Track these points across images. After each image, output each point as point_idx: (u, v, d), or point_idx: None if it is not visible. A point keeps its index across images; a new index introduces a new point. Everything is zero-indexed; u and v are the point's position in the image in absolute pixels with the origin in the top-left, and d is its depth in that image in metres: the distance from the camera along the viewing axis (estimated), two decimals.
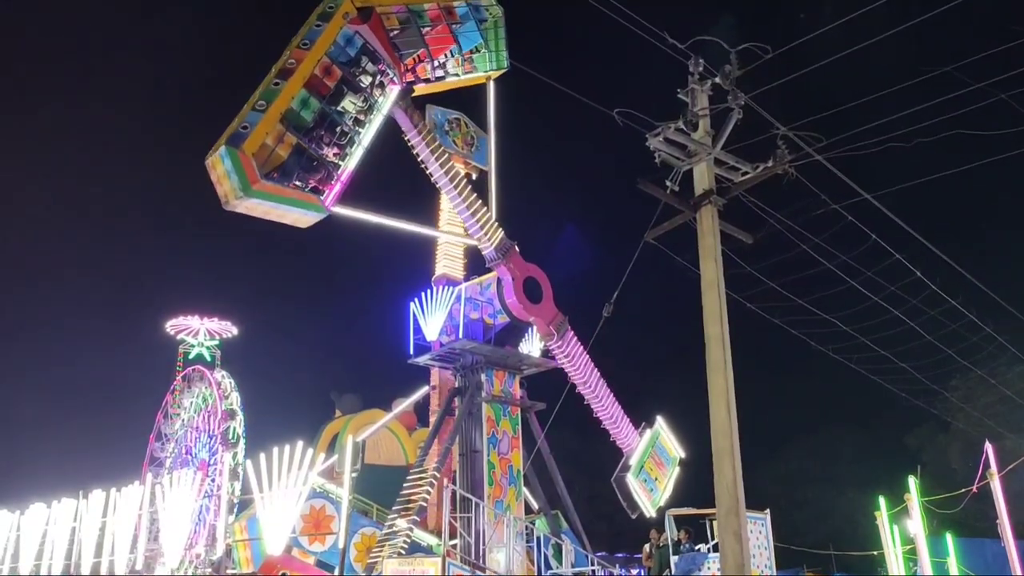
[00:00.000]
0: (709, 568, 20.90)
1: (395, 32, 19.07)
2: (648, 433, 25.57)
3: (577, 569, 23.65)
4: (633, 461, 24.84)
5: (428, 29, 19.99)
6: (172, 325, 44.67)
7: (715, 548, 20.99)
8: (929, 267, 17.31)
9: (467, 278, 26.37)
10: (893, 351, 22.20)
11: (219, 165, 16.38)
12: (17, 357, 68.44)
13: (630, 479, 24.53)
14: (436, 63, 20.87)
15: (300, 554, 21.64)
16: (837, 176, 13.69)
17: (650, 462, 25.23)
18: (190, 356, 43.94)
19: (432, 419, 26.05)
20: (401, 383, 29.90)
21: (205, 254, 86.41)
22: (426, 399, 27.38)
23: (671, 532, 22.42)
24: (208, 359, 43.81)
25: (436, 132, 26.72)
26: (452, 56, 21.28)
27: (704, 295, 11.62)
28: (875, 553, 24.71)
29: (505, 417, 24.73)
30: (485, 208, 22.85)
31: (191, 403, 40.56)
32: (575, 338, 24.26)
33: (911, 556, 22.92)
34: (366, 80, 18.59)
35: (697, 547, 22.56)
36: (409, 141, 20.71)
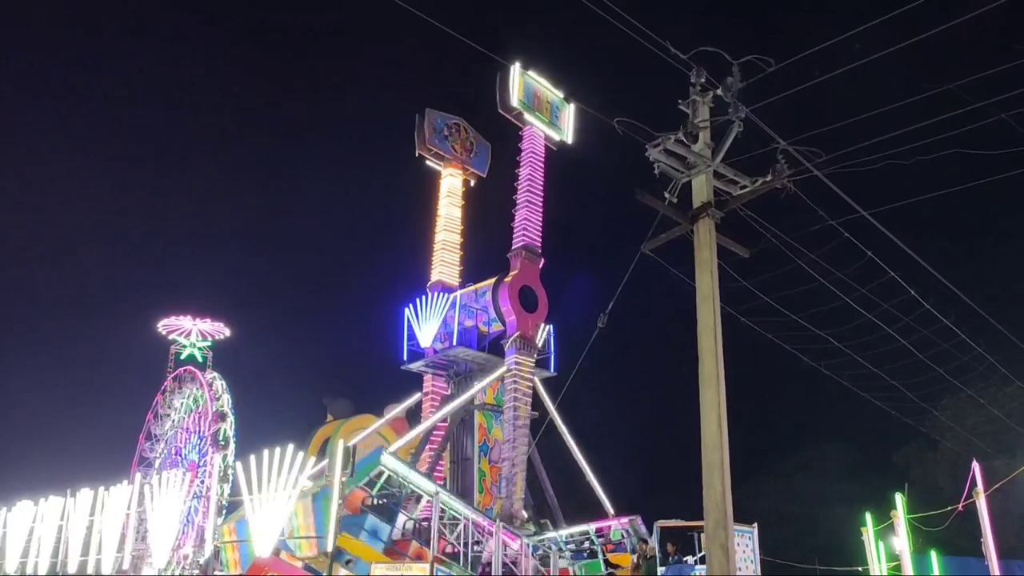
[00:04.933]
0: None
1: None
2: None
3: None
4: None
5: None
6: (164, 325, 44.45)
7: (702, 560, 21.01)
8: (923, 286, 17.32)
9: (463, 285, 26.40)
10: (885, 369, 22.21)
11: None
12: (5, 354, 68.24)
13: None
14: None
15: (288, 557, 21.57)
16: (835, 192, 13.70)
17: None
18: (181, 357, 43.71)
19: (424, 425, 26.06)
20: (393, 389, 29.91)
21: (199, 254, 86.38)
22: (418, 405, 27.37)
23: (658, 543, 22.45)
24: (200, 360, 43.57)
25: (435, 136, 26.88)
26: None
27: (699, 308, 11.60)
28: (860, 569, 24.75)
29: (497, 425, 24.74)
30: None
31: (182, 404, 40.40)
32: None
33: (896, 573, 22.96)
34: None
35: (684, 559, 22.61)
36: None
